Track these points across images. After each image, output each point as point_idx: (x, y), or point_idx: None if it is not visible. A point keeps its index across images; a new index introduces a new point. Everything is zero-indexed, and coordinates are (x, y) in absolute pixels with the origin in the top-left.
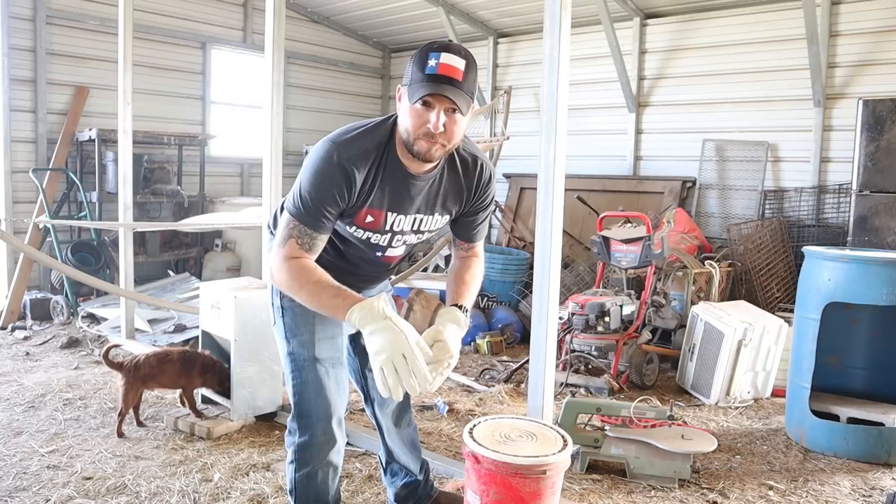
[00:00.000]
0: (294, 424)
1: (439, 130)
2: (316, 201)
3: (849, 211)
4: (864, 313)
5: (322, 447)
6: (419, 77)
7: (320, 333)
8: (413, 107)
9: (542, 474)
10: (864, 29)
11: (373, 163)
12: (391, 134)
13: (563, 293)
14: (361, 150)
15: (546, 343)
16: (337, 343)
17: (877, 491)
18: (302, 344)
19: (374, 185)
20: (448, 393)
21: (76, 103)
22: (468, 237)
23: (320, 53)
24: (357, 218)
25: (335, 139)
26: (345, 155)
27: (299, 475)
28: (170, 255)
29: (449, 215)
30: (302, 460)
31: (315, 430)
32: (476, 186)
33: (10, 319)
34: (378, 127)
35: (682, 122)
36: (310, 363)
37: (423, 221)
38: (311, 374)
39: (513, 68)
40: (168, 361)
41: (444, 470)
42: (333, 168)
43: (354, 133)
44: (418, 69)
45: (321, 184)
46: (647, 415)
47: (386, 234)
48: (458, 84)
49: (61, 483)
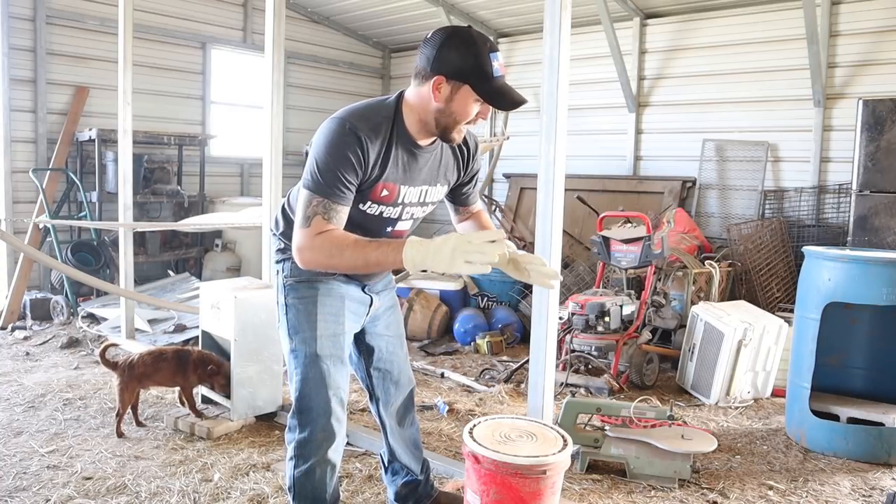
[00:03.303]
0: (294, 421)
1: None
2: (334, 171)
3: (849, 211)
4: (864, 313)
5: (321, 443)
6: (490, 80)
7: (322, 331)
8: (471, 101)
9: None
10: (864, 29)
11: (384, 136)
12: (397, 109)
13: (563, 293)
14: (373, 124)
15: (546, 343)
16: (339, 341)
17: (877, 491)
18: (304, 341)
19: (387, 158)
20: (448, 393)
21: (76, 103)
22: (469, 201)
23: (320, 53)
24: (373, 192)
25: (343, 115)
26: (357, 126)
27: (298, 472)
28: (170, 255)
29: (447, 185)
30: (301, 456)
31: (315, 427)
32: (470, 157)
33: (10, 319)
34: (382, 103)
35: (682, 122)
36: (311, 360)
37: (427, 193)
38: (312, 371)
39: (513, 68)
40: (163, 360)
41: (444, 470)
42: (348, 137)
43: (361, 109)
44: (487, 70)
45: (338, 154)
46: (647, 415)
47: (398, 206)
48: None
49: (61, 483)
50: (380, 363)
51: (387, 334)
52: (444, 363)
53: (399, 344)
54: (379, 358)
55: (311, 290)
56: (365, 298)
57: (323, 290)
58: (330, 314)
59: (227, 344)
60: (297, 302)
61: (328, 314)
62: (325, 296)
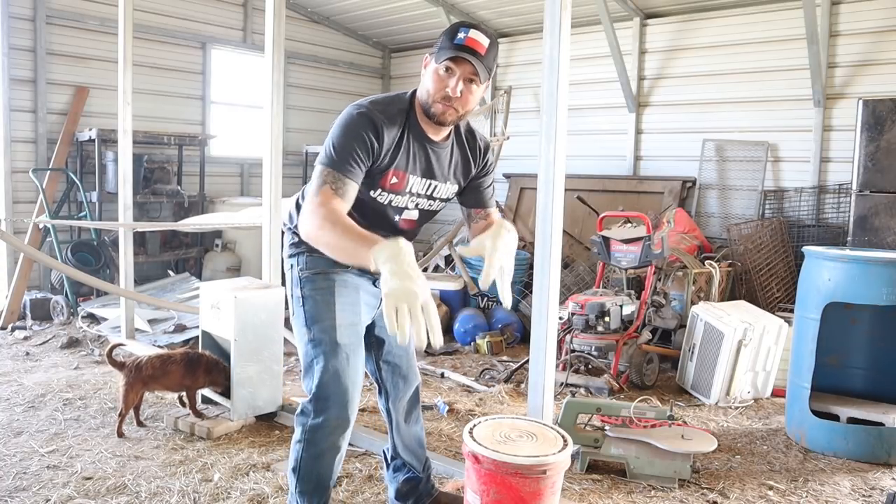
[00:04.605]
0: (310, 406)
1: (456, 95)
2: (348, 146)
3: (849, 211)
4: (864, 313)
5: (334, 430)
6: (447, 45)
7: (342, 320)
8: (436, 71)
9: (542, 474)
10: (864, 29)
11: (399, 126)
12: (411, 104)
13: (563, 293)
14: (390, 114)
15: (546, 343)
16: (357, 331)
17: (877, 491)
18: (324, 330)
19: (399, 147)
20: (448, 393)
21: (76, 103)
22: (481, 202)
23: (320, 53)
24: (384, 179)
25: (363, 102)
26: (374, 112)
27: (306, 455)
28: (170, 255)
29: (458, 185)
30: (312, 441)
31: (330, 414)
32: (480, 156)
33: (10, 319)
34: (398, 97)
35: (681, 122)
36: (331, 349)
37: (437, 188)
38: (332, 360)
39: (513, 68)
40: (171, 363)
41: (444, 470)
42: (364, 119)
43: (381, 99)
44: (448, 39)
45: (353, 133)
46: (647, 415)
47: (405, 195)
48: (479, 56)
49: (61, 483)
50: (389, 356)
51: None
52: (444, 363)
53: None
54: (388, 351)
55: (328, 280)
56: (377, 292)
57: (339, 282)
58: (348, 304)
59: (227, 344)
60: (314, 293)
61: (346, 304)
62: (341, 286)
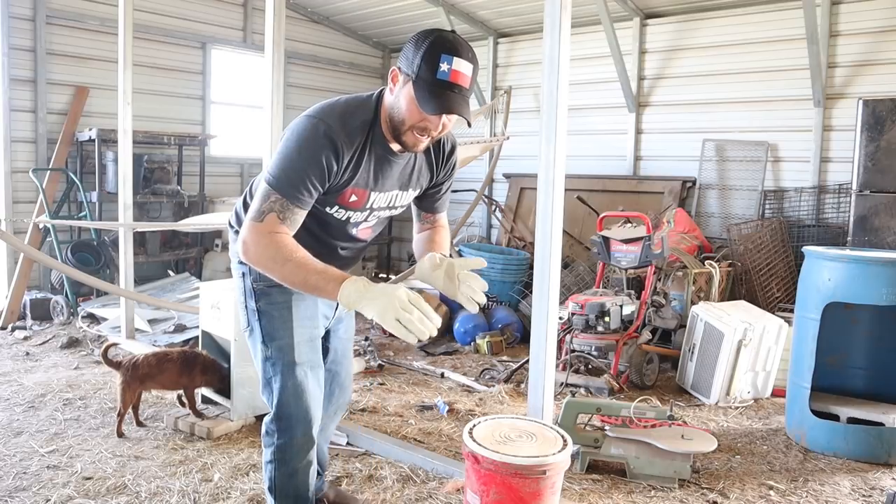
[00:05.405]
0: (273, 426)
1: (438, 130)
2: (301, 173)
3: (849, 211)
4: (864, 313)
5: (302, 448)
6: (430, 80)
7: (300, 337)
8: (412, 101)
9: (541, 474)
10: (864, 29)
11: (359, 142)
12: (376, 112)
13: (563, 293)
14: (351, 129)
15: (546, 343)
16: (315, 345)
17: (877, 491)
18: (281, 349)
19: (359, 164)
20: (448, 393)
21: (76, 103)
22: (434, 208)
23: (320, 53)
24: (342, 197)
25: (320, 115)
26: (333, 129)
27: (279, 474)
28: (170, 255)
29: (419, 189)
30: (282, 460)
31: (295, 433)
32: (444, 160)
33: (10, 319)
34: (362, 104)
35: (681, 122)
36: (289, 368)
37: (397, 197)
38: (290, 379)
39: (513, 68)
40: (168, 361)
41: (444, 470)
42: (321, 140)
43: (339, 110)
44: (429, 70)
45: (308, 156)
46: (647, 415)
47: (365, 211)
48: (465, 93)
49: (61, 483)
50: (332, 364)
51: (344, 337)
52: (444, 363)
53: (349, 348)
54: (333, 360)
55: (285, 295)
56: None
57: (297, 295)
58: (306, 317)
59: (227, 344)
60: (270, 308)
61: (304, 318)
62: (299, 300)
